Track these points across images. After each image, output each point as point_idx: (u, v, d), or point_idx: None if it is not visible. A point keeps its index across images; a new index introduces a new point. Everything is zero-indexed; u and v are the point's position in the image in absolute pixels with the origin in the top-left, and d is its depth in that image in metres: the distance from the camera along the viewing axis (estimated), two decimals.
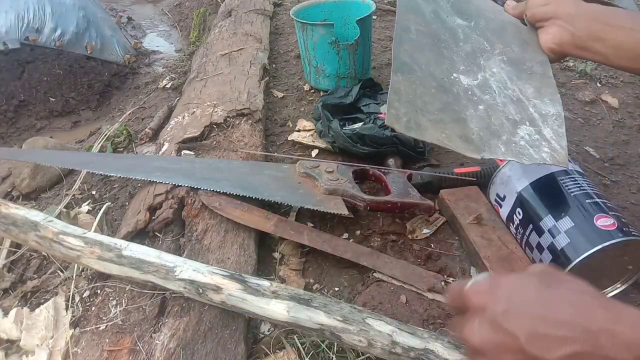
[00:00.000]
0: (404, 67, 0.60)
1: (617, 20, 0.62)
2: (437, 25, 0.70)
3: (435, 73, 0.63)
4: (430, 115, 0.57)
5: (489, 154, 0.57)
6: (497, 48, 0.71)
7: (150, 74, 2.39)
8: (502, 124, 0.61)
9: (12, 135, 2.13)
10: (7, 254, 0.82)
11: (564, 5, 0.67)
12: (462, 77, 0.65)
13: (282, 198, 0.82)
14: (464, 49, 0.70)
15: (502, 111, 0.63)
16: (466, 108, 0.61)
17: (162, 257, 0.65)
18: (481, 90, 0.65)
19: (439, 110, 0.58)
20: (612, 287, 0.68)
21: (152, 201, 0.81)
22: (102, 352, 0.60)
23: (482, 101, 0.63)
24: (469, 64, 0.67)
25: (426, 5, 0.72)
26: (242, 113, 1.10)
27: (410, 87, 0.58)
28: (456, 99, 0.61)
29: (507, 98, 0.64)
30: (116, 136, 1.17)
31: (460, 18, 0.74)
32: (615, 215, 0.64)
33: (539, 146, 0.60)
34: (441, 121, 0.57)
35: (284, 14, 1.99)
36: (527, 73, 0.68)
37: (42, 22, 2.25)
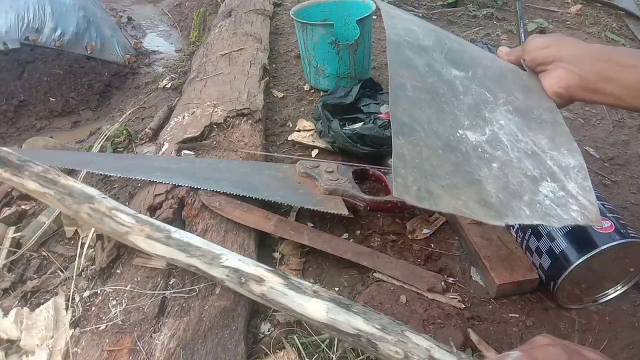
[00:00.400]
0: (404, 128, 0.54)
1: (626, 58, 0.58)
2: (433, 79, 0.64)
3: (439, 131, 0.57)
4: (441, 181, 0.51)
5: (513, 219, 0.51)
6: (501, 98, 0.66)
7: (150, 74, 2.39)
8: (521, 182, 0.56)
9: (12, 135, 2.13)
10: (7, 254, 0.82)
11: (566, 46, 0.63)
12: (468, 133, 0.60)
13: (282, 198, 0.82)
14: (466, 101, 0.64)
15: (519, 167, 0.57)
16: (479, 168, 0.55)
17: (208, 244, 0.67)
18: (492, 146, 0.59)
19: (450, 173, 0.53)
20: (613, 289, 0.69)
21: (152, 201, 0.81)
22: (102, 352, 0.60)
23: (495, 158, 0.58)
24: (474, 118, 0.62)
25: (419, 58, 0.66)
26: (242, 113, 1.10)
27: (415, 150, 0.53)
28: (466, 159, 0.56)
29: (521, 152, 0.59)
30: (116, 136, 1.17)
31: (456, 69, 0.68)
32: (614, 217, 0.64)
33: (566, 204, 0.54)
34: (454, 186, 0.52)
35: (284, 14, 1.99)
36: (537, 122, 0.63)
37: (42, 22, 2.24)
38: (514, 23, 1.82)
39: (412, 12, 1.91)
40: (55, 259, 0.82)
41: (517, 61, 0.72)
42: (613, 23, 1.83)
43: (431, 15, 1.90)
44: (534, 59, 0.68)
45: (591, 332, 0.66)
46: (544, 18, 1.81)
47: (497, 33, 1.74)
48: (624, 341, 0.64)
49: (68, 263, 0.81)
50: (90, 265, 0.77)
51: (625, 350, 0.63)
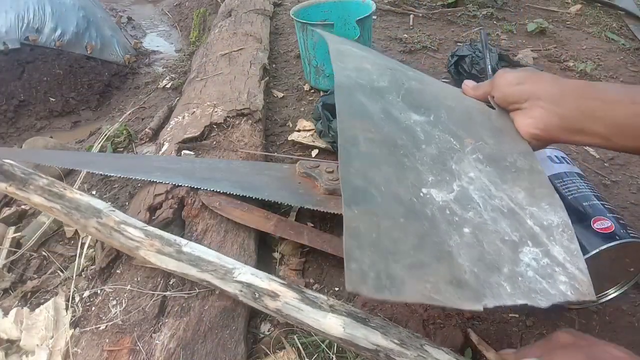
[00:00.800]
0: (357, 194, 0.44)
1: (610, 94, 0.53)
2: (390, 128, 0.54)
3: (399, 194, 0.47)
4: (405, 259, 0.41)
5: (492, 300, 0.42)
6: (468, 144, 0.57)
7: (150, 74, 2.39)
8: (498, 250, 0.46)
9: (12, 135, 2.13)
10: (7, 254, 0.82)
11: (542, 83, 0.56)
12: (434, 192, 0.50)
13: (282, 198, 0.82)
14: (428, 152, 0.54)
15: (495, 231, 0.48)
16: (448, 235, 0.46)
17: (221, 257, 0.65)
18: (461, 205, 0.50)
19: (415, 247, 0.43)
20: (614, 289, 0.68)
21: (152, 201, 0.81)
22: (102, 352, 0.60)
23: (466, 221, 0.48)
24: (439, 172, 0.52)
25: (373, 103, 0.57)
26: (242, 113, 1.10)
27: (371, 222, 0.42)
28: (433, 226, 0.46)
29: (496, 211, 0.50)
30: (116, 136, 1.17)
31: (416, 113, 0.59)
32: (614, 217, 0.64)
33: (553, 275, 0.45)
34: (421, 264, 0.42)
35: (284, 14, 2.00)
36: (512, 171, 0.54)
37: (42, 22, 2.25)
38: (514, 23, 1.82)
39: (412, 13, 1.91)
40: (55, 259, 0.82)
41: (484, 97, 0.64)
42: (613, 23, 1.83)
43: (431, 15, 1.90)
44: (505, 97, 0.60)
45: (591, 332, 0.66)
46: (544, 18, 1.81)
47: (497, 33, 1.74)
48: (624, 341, 0.64)
49: (68, 263, 0.81)
50: (90, 265, 0.77)
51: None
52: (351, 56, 0.65)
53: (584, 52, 1.59)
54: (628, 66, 1.49)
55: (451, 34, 1.74)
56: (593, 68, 1.43)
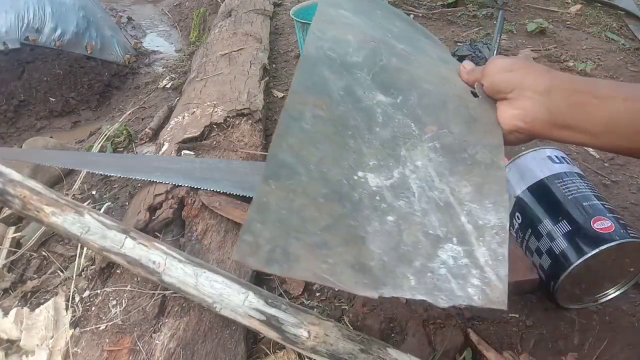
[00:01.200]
0: (282, 170, 0.43)
1: (603, 90, 0.49)
2: (346, 107, 0.53)
3: (329, 174, 0.46)
4: (309, 238, 0.40)
5: (391, 290, 0.40)
6: (429, 131, 0.54)
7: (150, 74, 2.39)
8: (417, 242, 0.45)
9: (12, 135, 2.13)
10: (7, 254, 0.82)
11: (532, 73, 0.53)
12: (370, 177, 0.48)
13: None
14: (381, 135, 0.52)
15: (421, 223, 0.46)
16: (368, 221, 0.45)
17: (200, 288, 0.62)
18: (395, 193, 0.48)
19: (325, 228, 0.42)
20: (613, 289, 0.68)
21: (152, 201, 0.81)
22: (102, 352, 0.60)
23: (393, 210, 0.46)
24: (384, 157, 0.50)
25: (337, 79, 0.54)
26: (242, 113, 1.10)
27: (286, 199, 0.42)
28: (356, 209, 0.45)
29: (431, 203, 0.48)
30: (116, 136, 1.17)
31: (383, 93, 0.56)
32: (614, 217, 0.64)
33: (466, 276, 0.43)
34: (325, 245, 0.41)
35: (284, 14, 2.00)
36: (467, 164, 0.51)
37: (42, 22, 2.25)
38: (514, 23, 1.82)
39: (412, 13, 1.91)
40: (55, 259, 0.82)
41: (474, 82, 0.60)
42: (613, 23, 1.83)
43: (431, 15, 1.90)
44: (493, 84, 0.56)
45: (591, 332, 0.66)
46: (544, 18, 1.81)
47: None
48: (624, 341, 0.64)
49: (68, 263, 0.81)
50: (90, 265, 0.77)
51: (625, 350, 0.63)
52: (336, 23, 0.62)
53: (584, 52, 1.58)
54: (628, 66, 1.49)
55: (451, 34, 1.74)
56: (593, 68, 1.43)
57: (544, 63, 1.50)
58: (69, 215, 0.66)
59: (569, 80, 0.51)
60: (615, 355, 0.63)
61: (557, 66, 1.48)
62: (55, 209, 0.67)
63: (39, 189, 0.69)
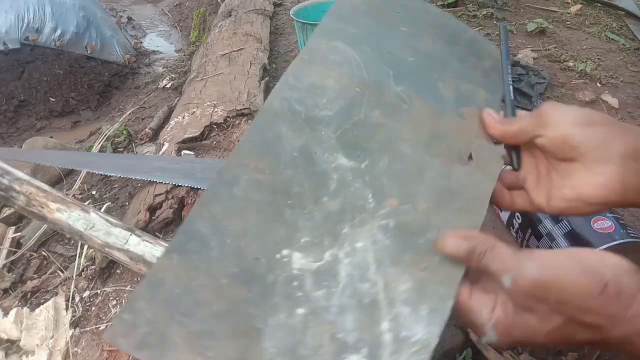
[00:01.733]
0: (191, 242, 0.38)
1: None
2: (294, 171, 0.45)
3: (247, 251, 0.40)
4: (193, 324, 0.35)
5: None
6: (387, 205, 0.45)
7: (150, 74, 2.40)
8: (318, 346, 0.37)
9: (12, 135, 2.14)
10: (7, 254, 0.82)
11: (617, 130, 0.40)
12: (296, 256, 0.41)
13: None
14: (327, 207, 0.44)
15: (332, 323, 0.38)
16: (273, 312, 0.38)
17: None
18: (317, 280, 0.40)
19: (216, 315, 0.36)
20: None
21: (152, 201, 0.81)
22: (102, 352, 0.60)
23: (308, 300, 0.39)
24: (321, 234, 0.43)
25: (294, 138, 0.46)
26: (242, 113, 1.10)
27: (184, 277, 0.37)
28: (264, 295, 0.39)
29: (353, 298, 0.39)
30: (116, 136, 1.17)
31: (347, 156, 0.47)
32: (614, 217, 0.64)
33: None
34: (209, 334, 0.35)
35: (284, 14, 2.00)
36: (419, 252, 0.41)
37: (42, 22, 2.25)
38: (514, 23, 1.82)
39: None
40: (55, 259, 0.82)
41: (522, 138, 0.44)
42: (613, 23, 1.83)
43: None
44: (565, 139, 0.41)
45: None
46: (544, 18, 1.81)
47: (497, 33, 1.74)
48: None
49: (68, 263, 0.81)
50: (90, 265, 0.77)
51: None
52: (321, 63, 0.52)
53: (584, 52, 1.59)
54: (628, 66, 1.49)
55: None
56: (593, 68, 1.43)
57: (544, 63, 1.50)
58: (75, 212, 0.67)
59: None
60: (615, 355, 0.63)
61: (557, 66, 1.48)
62: (61, 205, 0.68)
63: (45, 187, 0.70)
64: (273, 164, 0.44)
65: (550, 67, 1.46)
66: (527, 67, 1.38)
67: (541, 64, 1.48)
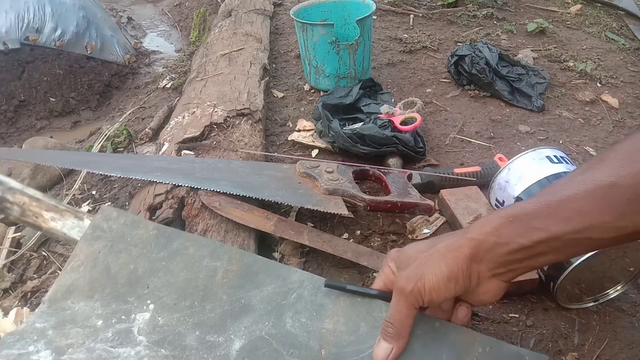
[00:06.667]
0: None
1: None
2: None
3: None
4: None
5: None
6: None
7: (150, 74, 2.40)
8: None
9: (12, 135, 2.13)
10: (7, 254, 0.82)
11: (437, 256, 0.45)
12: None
13: (282, 198, 0.82)
14: None
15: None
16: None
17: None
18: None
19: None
20: (613, 288, 0.68)
21: (152, 201, 0.81)
22: None
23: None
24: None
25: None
26: (242, 113, 1.10)
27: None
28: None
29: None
30: (116, 136, 1.17)
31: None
32: None
33: None
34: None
35: (284, 14, 1.99)
36: None
37: (42, 22, 2.25)
38: (514, 23, 1.82)
39: (412, 13, 1.91)
40: (55, 259, 0.82)
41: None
42: (613, 23, 1.83)
43: (431, 15, 1.90)
44: (442, 299, 0.47)
45: (591, 332, 0.66)
46: (544, 18, 1.81)
47: (497, 33, 1.74)
48: (624, 341, 0.64)
49: None
50: None
51: (625, 350, 0.63)
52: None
53: (584, 52, 1.58)
54: (628, 66, 1.49)
55: (451, 34, 1.74)
56: (593, 68, 1.43)
57: (544, 63, 1.50)
58: (69, 220, 0.66)
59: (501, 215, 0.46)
60: (615, 355, 0.63)
61: (557, 66, 1.48)
62: (55, 214, 0.67)
63: (38, 195, 0.69)
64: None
65: (550, 67, 1.46)
66: (527, 67, 1.38)
67: (541, 64, 1.48)
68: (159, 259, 0.56)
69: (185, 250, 0.57)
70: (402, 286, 0.45)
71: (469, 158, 1.05)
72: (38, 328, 0.50)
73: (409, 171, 0.91)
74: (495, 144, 1.11)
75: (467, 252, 0.44)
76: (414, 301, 0.45)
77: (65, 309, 0.51)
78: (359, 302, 0.52)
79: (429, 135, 1.13)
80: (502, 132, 1.15)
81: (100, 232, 0.58)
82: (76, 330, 0.50)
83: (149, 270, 0.55)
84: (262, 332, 0.50)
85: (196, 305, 0.52)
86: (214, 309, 0.52)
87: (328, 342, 0.49)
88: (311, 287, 0.54)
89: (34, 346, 0.48)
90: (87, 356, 0.48)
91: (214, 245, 0.58)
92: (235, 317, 0.51)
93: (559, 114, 1.23)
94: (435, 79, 1.41)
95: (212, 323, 0.51)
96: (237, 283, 0.54)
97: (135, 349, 0.49)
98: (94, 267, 0.55)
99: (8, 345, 0.48)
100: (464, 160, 1.04)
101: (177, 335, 0.50)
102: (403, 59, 1.53)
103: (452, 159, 1.05)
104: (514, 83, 1.28)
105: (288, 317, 0.51)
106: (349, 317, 0.51)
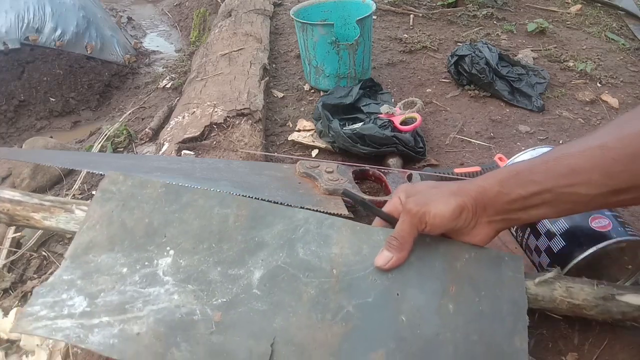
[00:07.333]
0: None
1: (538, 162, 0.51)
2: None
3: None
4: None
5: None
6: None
7: (150, 74, 2.40)
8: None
9: (12, 135, 2.13)
10: (7, 254, 0.82)
11: (446, 193, 0.54)
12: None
13: (282, 198, 0.82)
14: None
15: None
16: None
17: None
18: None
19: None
20: None
21: None
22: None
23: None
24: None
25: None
26: (242, 113, 1.10)
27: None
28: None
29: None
30: (116, 136, 1.17)
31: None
32: (612, 215, 0.64)
33: None
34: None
35: (284, 14, 2.00)
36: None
37: (42, 22, 2.25)
38: (514, 23, 1.82)
39: (412, 13, 1.91)
40: (55, 259, 0.82)
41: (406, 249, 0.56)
42: (613, 23, 1.83)
43: (431, 15, 1.90)
44: (445, 232, 0.56)
45: (591, 332, 0.66)
46: (544, 18, 1.81)
47: (497, 33, 1.74)
48: (624, 341, 0.64)
49: None
50: None
51: (625, 350, 0.63)
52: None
53: (584, 52, 1.58)
54: (628, 66, 1.49)
55: (451, 34, 1.74)
56: (593, 68, 1.43)
57: (543, 63, 1.50)
58: (61, 216, 0.66)
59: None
60: (615, 355, 0.63)
61: (557, 66, 1.48)
62: (45, 213, 0.66)
63: (18, 197, 0.66)
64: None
65: (550, 67, 1.46)
66: (527, 67, 1.38)
67: (541, 64, 1.48)
68: (171, 211, 0.60)
69: (195, 202, 0.62)
70: (410, 208, 0.52)
71: (469, 158, 1.06)
72: (66, 280, 0.54)
73: (409, 171, 0.91)
74: (495, 144, 1.11)
75: (474, 194, 0.52)
76: (417, 222, 0.52)
77: (89, 262, 0.55)
78: (358, 230, 0.59)
79: (429, 135, 1.14)
80: (502, 132, 1.15)
81: (110, 194, 0.62)
82: (104, 278, 0.54)
83: (164, 222, 0.59)
84: (279, 262, 0.56)
85: (214, 247, 0.57)
86: (231, 247, 0.57)
87: (338, 263, 0.56)
88: (315, 222, 0.60)
89: (67, 294, 0.53)
90: (120, 297, 0.52)
91: (221, 196, 0.63)
92: (252, 253, 0.57)
93: (559, 114, 1.23)
94: (435, 79, 1.41)
95: (231, 260, 0.56)
96: (248, 225, 0.60)
97: (165, 287, 0.54)
98: (110, 224, 0.59)
99: (42, 294, 0.52)
100: (464, 160, 1.04)
101: (200, 273, 0.55)
102: (403, 59, 1.53)
103: (452, 159, 1.05)
104: (514, 83, 1.28)
105: (299, 248, 0.58)
106: (352, 242, 0.58)
